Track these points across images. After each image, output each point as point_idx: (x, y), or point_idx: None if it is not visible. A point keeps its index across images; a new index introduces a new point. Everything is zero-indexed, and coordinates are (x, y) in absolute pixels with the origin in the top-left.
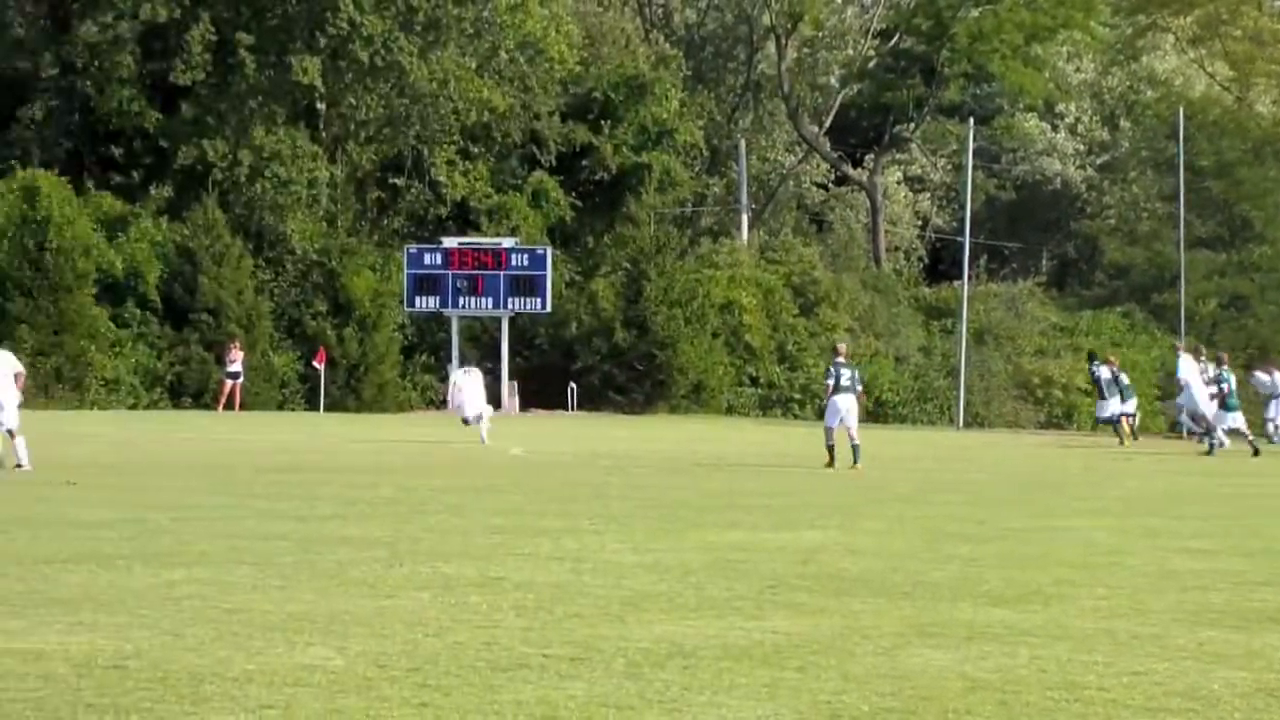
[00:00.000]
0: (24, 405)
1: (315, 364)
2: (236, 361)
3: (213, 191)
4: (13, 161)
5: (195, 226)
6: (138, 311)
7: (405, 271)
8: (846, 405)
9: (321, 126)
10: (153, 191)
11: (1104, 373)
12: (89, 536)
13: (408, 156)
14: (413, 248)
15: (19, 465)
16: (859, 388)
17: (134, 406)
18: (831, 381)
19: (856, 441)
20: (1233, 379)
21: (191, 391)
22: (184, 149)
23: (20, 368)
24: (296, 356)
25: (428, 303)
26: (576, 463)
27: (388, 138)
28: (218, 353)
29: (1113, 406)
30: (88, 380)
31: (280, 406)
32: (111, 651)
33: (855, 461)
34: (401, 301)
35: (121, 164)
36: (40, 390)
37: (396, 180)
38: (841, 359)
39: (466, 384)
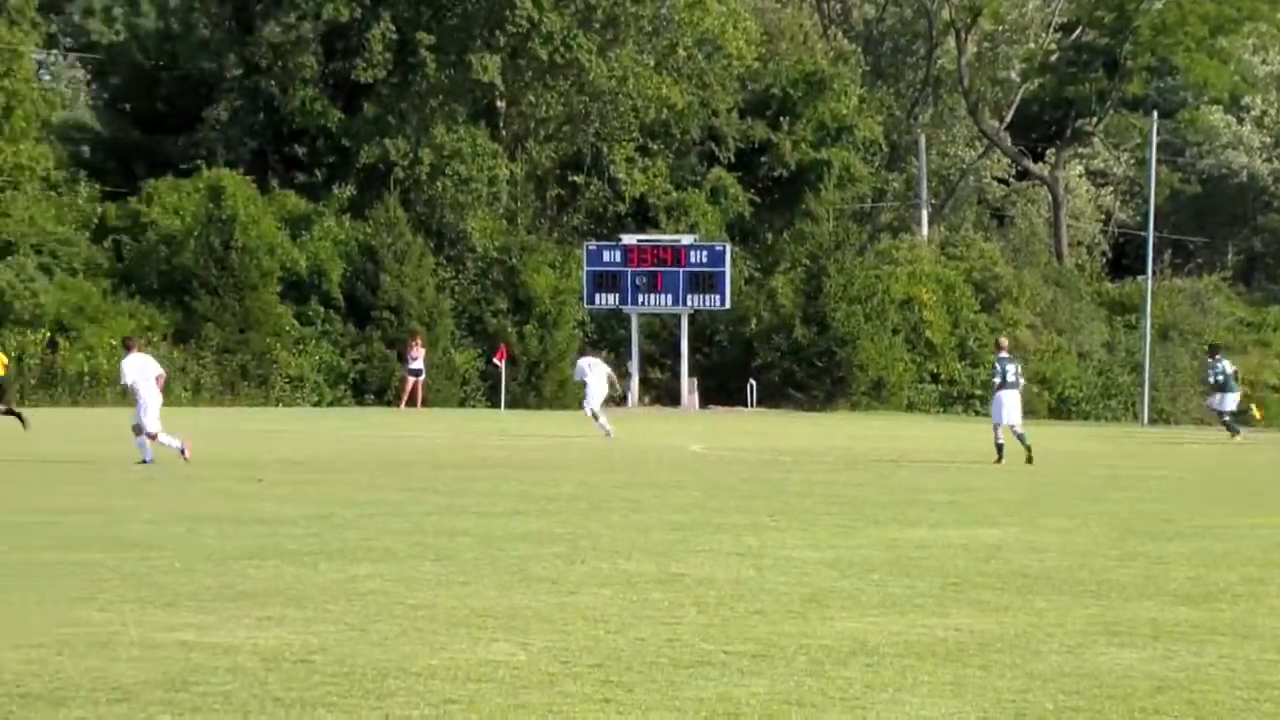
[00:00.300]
0: (210, 402)
1: (496, 361)
2: (418, 359)
3: (394, 190)
4: (199, 161)
5: (377, 225)
6: (321, 309)
7: (585, 268)
8: (1011, 401)
9: (501, 124)
10: (335, 190)
11: (1228, 366)
12: (275, 532)
13: (587, 154)
14: (592, 245)
15: (144, 460)
16: (1022, 382)
17: (318, 403)
18: (998, 378)
19: (1021, 431)
20: None
21: (374, 388)
22: (366, 148)
23: (161, 370)
24: (477, 354)
25: (607, 299)
26: (757, 459)
27: (567, 135)
28: (400, 350)
29: (1232, 401)
30: (273, 377)
31: (461, 403)
32: (298, 646)
33: (1029, 456)
34: (581, 298)
35: (305, 163)
36: (226, 388)
37: (576, 177)
38: (1005, 354)
39: (591, 376)
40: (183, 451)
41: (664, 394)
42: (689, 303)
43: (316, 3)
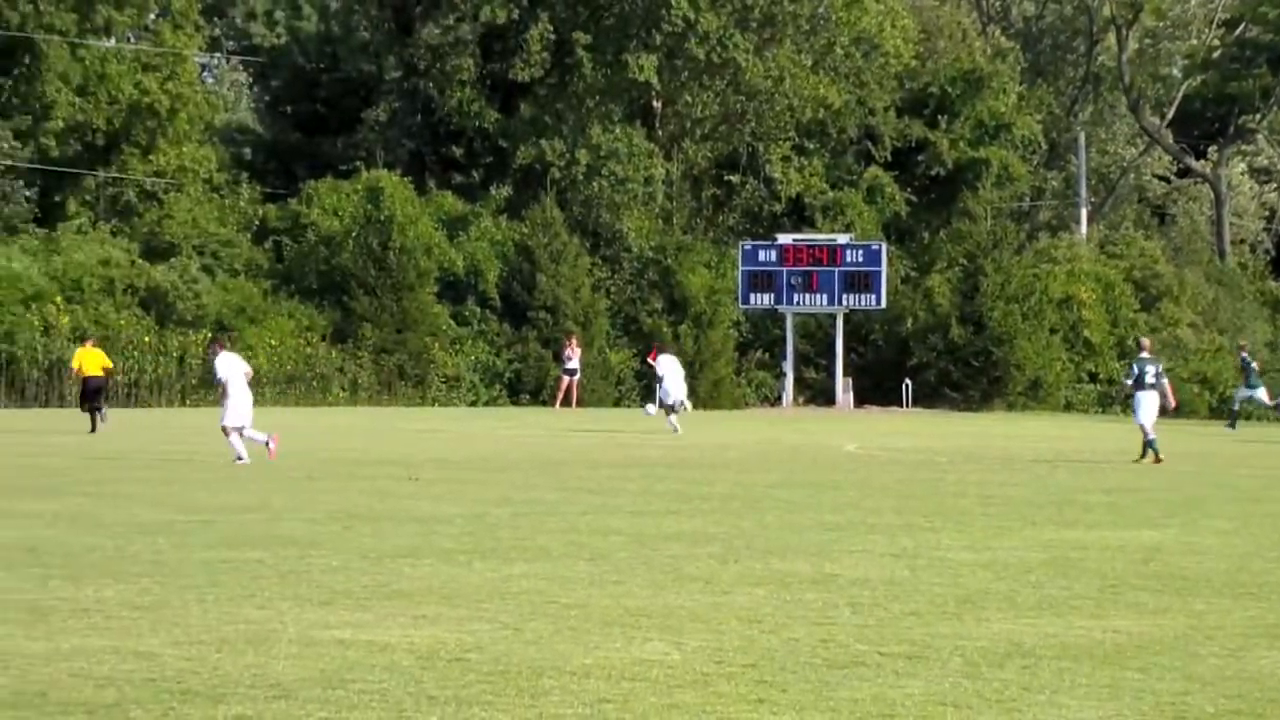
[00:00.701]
0: (367, 402)
1: (651, 361)
2: (573, 358)
3: (551, 190)
4: (357, 163)
5: (534, 225)
6: (477, 309)
7: (740, 268)
8: (1150, 402)
9: (657, 124)
10: (492, 191)
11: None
12: (431, 531)
13: (743, 153)
14: (747, 244)
15: (239, 459)
16: (1164, 382)
17: (474, 403)
18: (1130, 380)
19: (1152, 436)
20: None
21: (529, 388)
22: (523, 148)
23: (249, 367)
24: (632, 353)
25: (762, 299)
26: (912, 460)
27: (723, 134)
28: (555, 350)
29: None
30: (429, 377)
31: (616, 403)
32: (453, 644)
33: (1143, 456)
34: (736, 298)
35: (462, 164)
36: (383, 387)
37: (731, 177)
38: (1146, 354)
39: (669, 370)
40: (268, 444)
41: (818, 394)
42: (844, 302)
43: (474, 4)
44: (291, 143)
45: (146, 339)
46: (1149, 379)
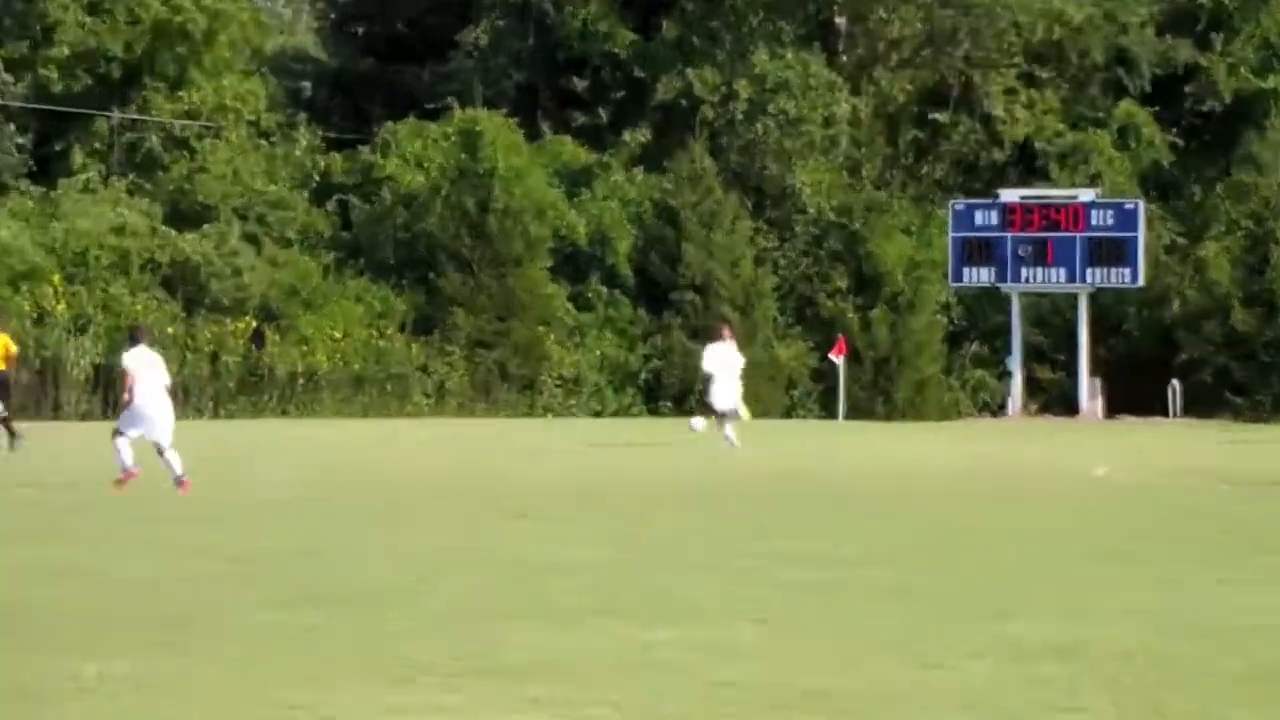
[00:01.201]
0: (459, 411)
1: (833, 357)
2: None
3: (701, 134)
4: (449, 100)
5: (679, 179)
6: (604, 290)
7: (950, 235)
8: None
9: (841, 48)
10: (625, 136)
11: None
12: (541, 583)
13: (954, 85)
14: (960, 203)
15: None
16: None
17: (599, 413)
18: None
19: None
20: None
21: (672, 393)
22: (665, 80)
23: (167, 377)
24: (808, 347)
25: (979, 275)
26: (1185, 486)
27: (927, 61)
28: (705, 342)
29: None
30: (541, 379)
31: (788, 413)
32: None
33: None
34: (945, 274)
35: (585, 100)
36: (479, 392)
37: (938, 115)
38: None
39: (718, 365)
40: (122, 477)
41: (1056, 399)
42: (1089, 279)
43: None
44: (363, 73)
45: (170, 329)
46: None
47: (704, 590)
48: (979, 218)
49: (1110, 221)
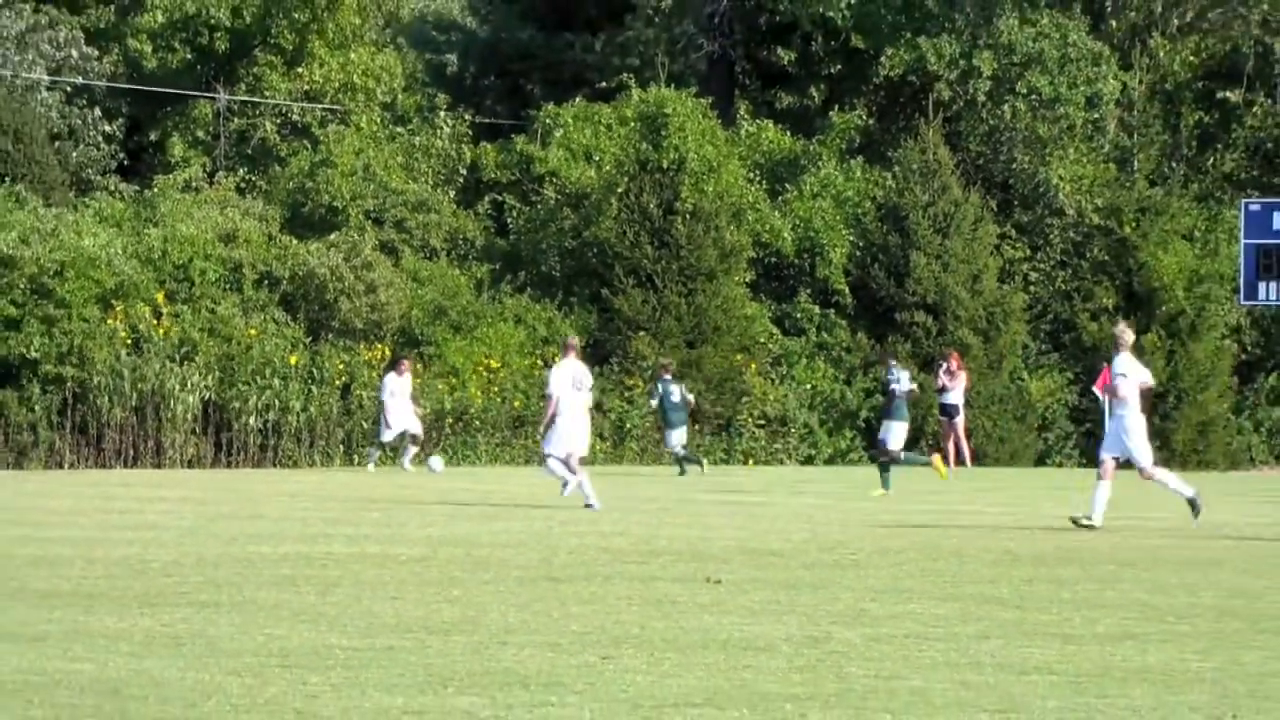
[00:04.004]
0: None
1: (1096, 391)
2: (955, 388)
3: (935, 118)
4: (625, 76)
5: (906, 172)
6: (815, 309)
7: (1241, 241)
8: None
9: (1108, 11)
10: (837, 118)
11: None
12: (739, 665)
13: (1248, 55)
14: (1255, 203)
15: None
16: None
17: (809, 459)
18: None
19: None
20: None
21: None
22: (891, 52)
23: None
24: (1066, 381)
25: (1278, 291)
26: None
27: (1215, 27)
28: (935, 372)
29: None
30: (740, 418)
31: (1041, 459)
32: None
33: None
34: (1235, 290)
35: (792, 76)
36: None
37: (1229, 94)
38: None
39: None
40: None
41: None
42: None
43: None
44: (521, 45)
45: (293, 359)
46: None
47: (933, 675)
48: (1278, 220)
49: None
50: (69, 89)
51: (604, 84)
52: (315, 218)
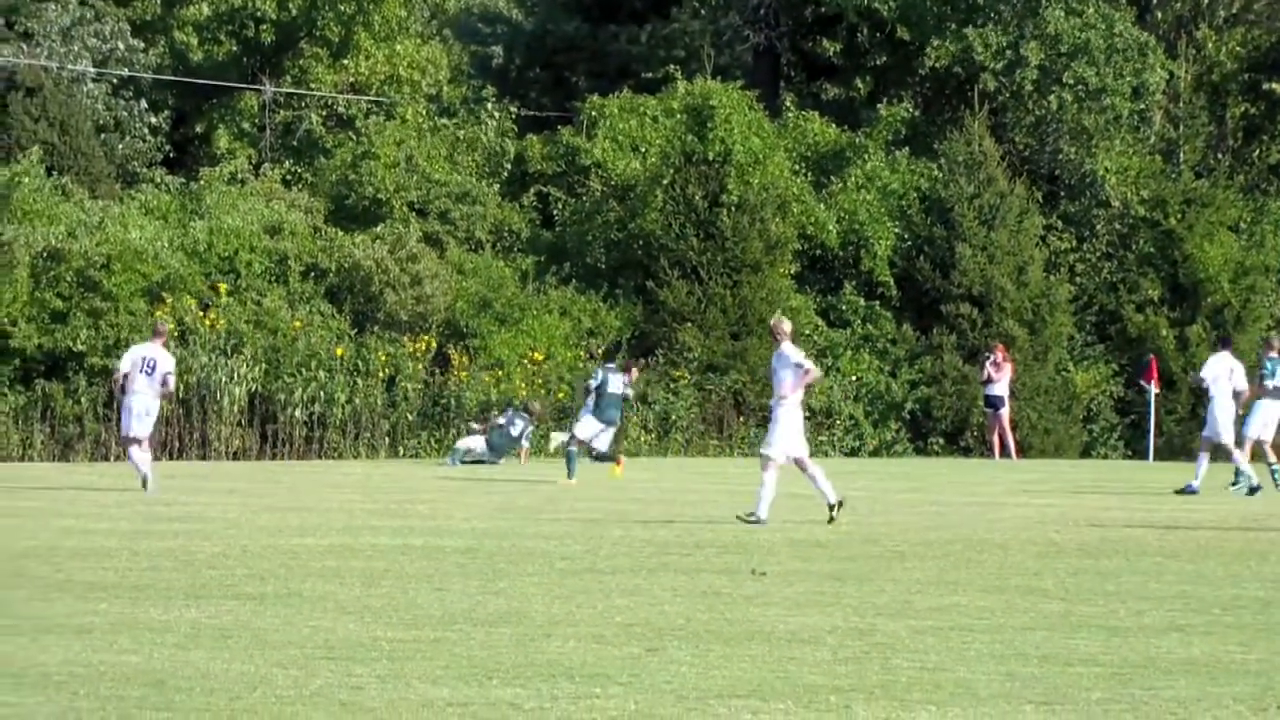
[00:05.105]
0: (688, 449)
1: (1144, 383)
2: (998, 380)
3: (981, 109)
4: (671, 69)
5: (952, 164)
6: (860, 301)
7: None
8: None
9: (1155, 3)
10: (884, 111)
11: None
12: (784, 657)
13: None
14: None
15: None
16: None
17: (854, 450)
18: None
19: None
20: None
21: (945, 427)
22: (936, 43)
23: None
24: (1111, 373)
25: None
26: None
27: (1261, 19)
28: (981, 364)
29: None
30: None
31: (1086, 451)
32: None
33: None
34: None
35: (838, 67)
36: (711, 426)
37: (1275, 85)
38: (1276, 353)
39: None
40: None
41: None
42: None
43: None
44: (567, 37)
45: (339, 351)
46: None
47: (979, 666)
48: None
49: None
50: (115, 81)
51: (650, 75)
52: (359, 210)
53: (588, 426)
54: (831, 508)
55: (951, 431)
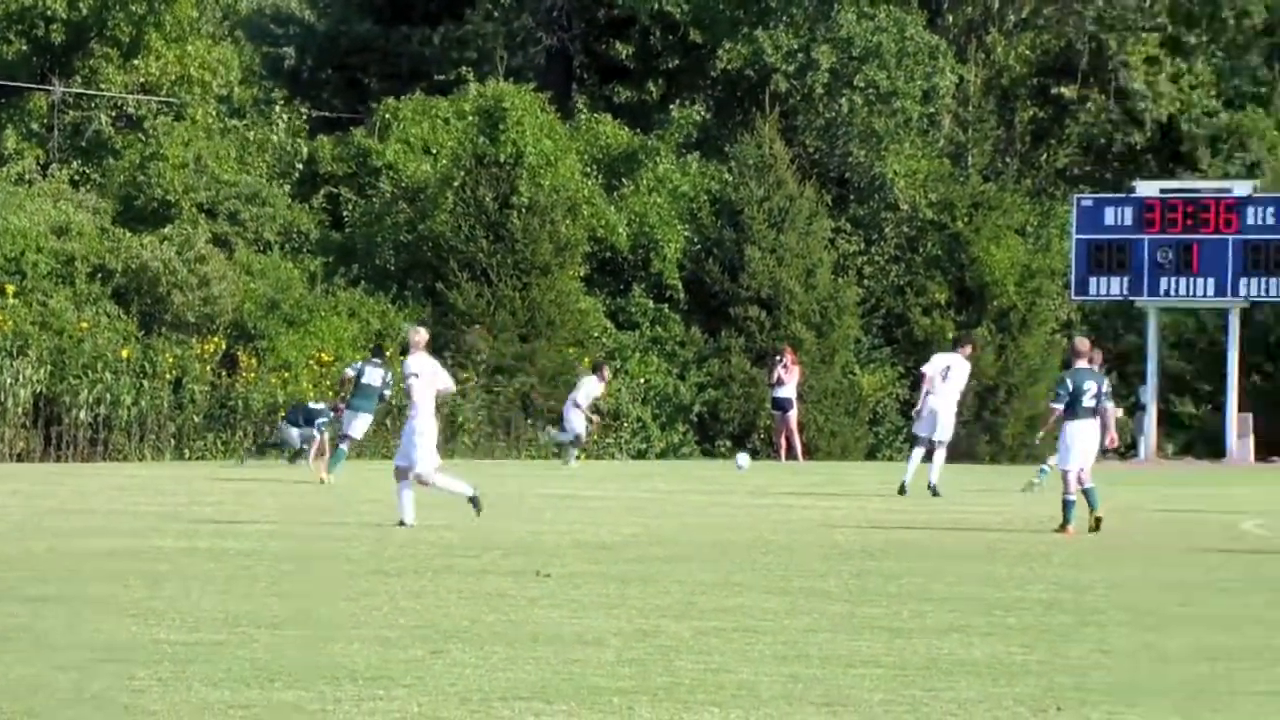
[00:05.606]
0: (475, 452)
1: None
2: (788, 383)
3: (772, 112)
4: (464, 70)
5: (742, 167)
6: (649, 304)
7: (1073, 237)
8: (1086, 437)
9: (945, 7)
10: (676, 113)
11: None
12: (569, 658)
13: (1082, 52)
14: (1087, 198)
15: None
16: (1109, 406)
17: (642, 453)
18: (1060, 404)
19: (1088, 484)
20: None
21: (733, 429)
22: (728, 46)
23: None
24: (898, 375)
25: (1108, 286)
26: None
27: (1050, 22)
28: (769, 368)
29: None
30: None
31: (872, 453)
32: None
33: (1092, 508)
34: (1066, 285)
35: (630, 70)
36: (499, 427)
37: (1063, 90)
38: (1082, 363)
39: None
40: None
41: (1200, 439)
42: (1243, 291)
43: None
44: (361, 38)
45: (126, 352)
46: (1086, 400)
47: (762, 668)
48: (1109, 216)
49: (1271, 221)
50: None
51: (442, 77)
52: (148, 211)
53: (361, 424)
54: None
55: (739, 434)
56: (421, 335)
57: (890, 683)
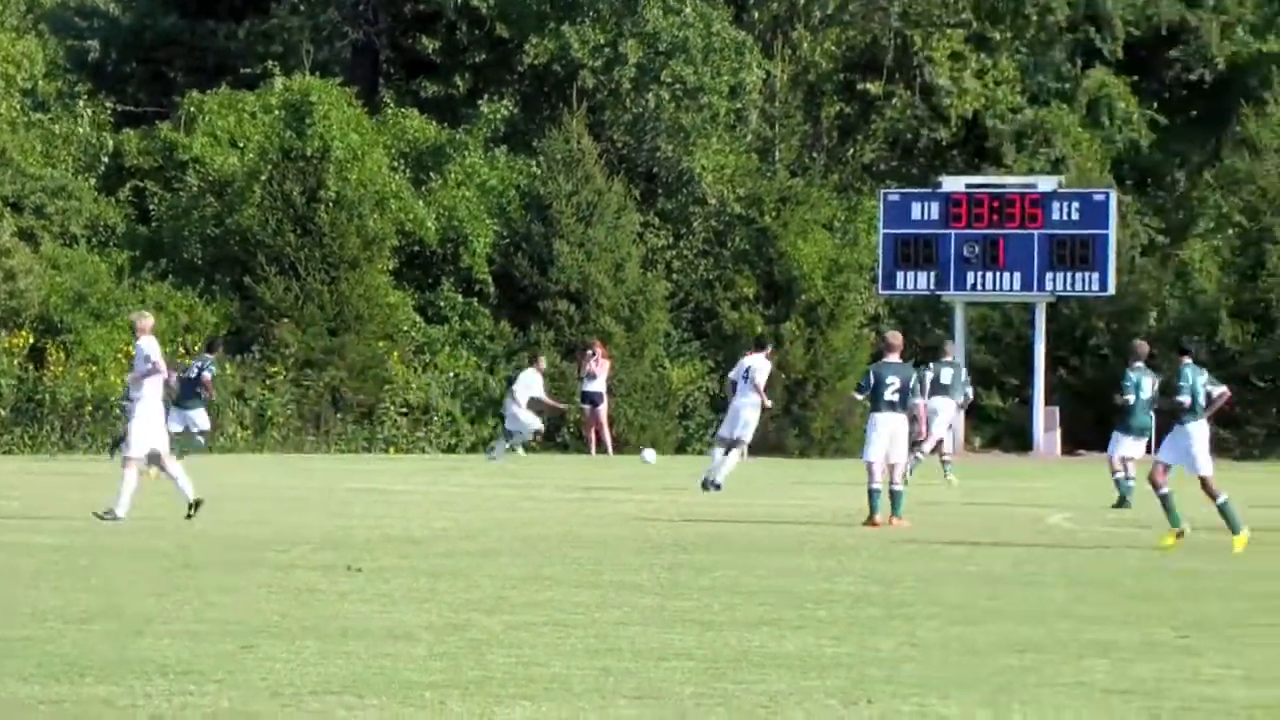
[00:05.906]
0: (282, 445)
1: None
2: (599, 376)
3: (579, 107)
4: (270, 64)
5: (550, 162)
6: (458, 298)
7: (880, 232)
8: (887, 430)
9: (751, 3)
10: (484, 108)
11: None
12: (380, 652)
13: (887, 48)
14: (894, 193)
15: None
16: (917, 401)
17: (452, 447)
18: (862, 394)
19: (898, 487)
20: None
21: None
22: (535, 40)
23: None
24: (707, 369)
25: (915, 281)
26: (1145, 538)
27: (855, 18)
28: (579, 362)
29: None
30: (382, 406)
31: (681, 447)
32: None
33: (895, 511)
34: (874, 280)
35: (437, 64)
36: (307, 422)
37: (869, 85)
38: (893, 357)
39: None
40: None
41: (1007, 432)
42: (1049, 285)
43: None
44: (164, 32)
45: None
46: (888, 394)
47: (574, 662)
48: (916, 211)
49: (1076, 216)
50: None
51: (249, 71)
52: None
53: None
54: (191, 505)
55: (549, 428)
56: (149, 320)
57: (702, 676)
